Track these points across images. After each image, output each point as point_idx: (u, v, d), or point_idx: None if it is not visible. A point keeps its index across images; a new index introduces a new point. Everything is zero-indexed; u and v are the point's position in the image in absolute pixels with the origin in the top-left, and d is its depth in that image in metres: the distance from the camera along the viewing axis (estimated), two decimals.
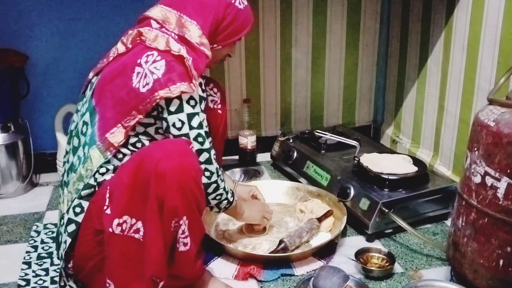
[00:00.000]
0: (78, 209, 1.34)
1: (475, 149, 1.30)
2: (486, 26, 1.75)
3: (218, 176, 1.40)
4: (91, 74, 1.45)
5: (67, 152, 1.47)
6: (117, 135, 1.32)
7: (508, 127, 1.22)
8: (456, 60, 1.94)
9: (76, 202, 1.34)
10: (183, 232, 1.28)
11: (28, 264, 1.61)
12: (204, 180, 1.36)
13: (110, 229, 1.26)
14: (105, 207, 1.28)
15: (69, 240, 1.34)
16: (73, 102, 2.11)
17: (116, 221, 1.25)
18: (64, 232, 1.35)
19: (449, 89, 2.01)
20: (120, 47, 1.39)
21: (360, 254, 1.61)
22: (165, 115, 1.32)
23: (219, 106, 1.75)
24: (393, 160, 1.92)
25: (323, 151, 2.11)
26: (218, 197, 1.43)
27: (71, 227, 1.34)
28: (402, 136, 2.42)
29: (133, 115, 1.31)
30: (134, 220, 1.26)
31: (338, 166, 1.98)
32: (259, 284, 1.52)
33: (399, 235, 1.77)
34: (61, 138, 2.14)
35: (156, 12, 1.41)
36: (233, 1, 1.43)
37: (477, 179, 1.30)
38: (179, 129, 1.33)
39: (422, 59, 2.19)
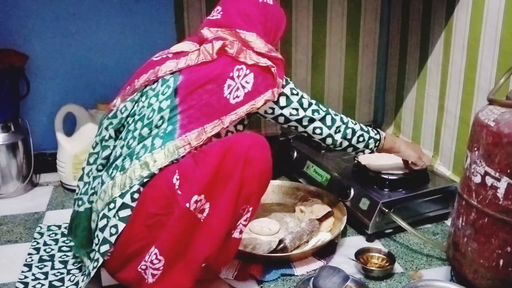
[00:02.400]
0: (136, 195, 1.33)
1: (475, 149, 1.30)
2: (486, 26, 1.75)
3: (345, 123, 1.56)
4: (163, 71, 1.45)
5: (110, 137, 1.49)
6: (196, 137, 1.36)
7: (508, 127, 1.22)
8: (456, 60, 1.94)
9: (135, 188, 1.33)
10: (246, 220, 1.34)
11: (29, 266, 1.61)
12: (339, 135, 1.55)
13: (188, 204, 1.27)
14: (176, 187, 1.29)
15: (122, 226, 1.32)
16: (73, 102, 2.13)
17: (195, 198, 1.27)
18: (115, 217, 1.33)
19: (449, 89, 2.01)
20: (205, 55, 1.43)
21: (360, 254, 1.61)
22: (279, 111, 1.48)
23: None
24: (393, 160, 1.92)
25: (323, 151, 2.11)
26: (361, 139, 1.58)
27: (125, 212, 1.33)
28: (402, 136, 2.41)
29: (216, 124, 1.38)
30: (204, 200, 1.28)
31: (338, 166, 1.98)
32: (259, 284, 1.52)
33: (399, 235, 1.77)
34: (61, 138, 2.13)
35: (210, 34, 1.49)
36: (263, 1, 1.52)
37: (477, 179, 1.30)
38: (297, 114, 1.49)
39: (422, 59, 2.19)
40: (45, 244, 1.73)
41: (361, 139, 1.58)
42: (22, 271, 1.58)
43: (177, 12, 2.23)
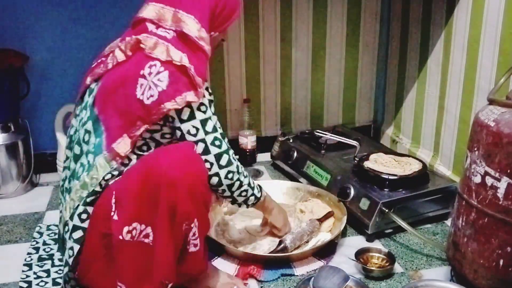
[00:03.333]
0: (84, 216, 1.33)
1: (475, 149, 1.30)
2: (486, 26, 1.75)
3: (239, 173, 1.39)
4: (88, 80, 1.42)
5: (67, 158, 1.45)
6: (123, 145, 1.32)
7: (508, 127, 1.22)
8: (456, 60, 1.94)
9: (81, 209, 1.33)
10: (194, 234, 1.29)
11: (29, 265, 1.61)
12: (227, 181, 1.36)
13: (120, 237, 1.25)
14: (112, 213, 1.27)
15: (77, 247, 1.33)
16: (73, 102, 2.11)
17: (126, 229, 1.25)
18: (70, 239, 1.34)
19: (449, 89, 2.01)
20: (119, 55, 1.36)
21: (360, 254, 1.61)
22: (178, 124, 1.31)
23: None
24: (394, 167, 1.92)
25: (323, 151, 2.11)
26: (243, 194, 1.44)
27: (78, 234, 1.33)
28: (402, 136, 2.42)
29: (138, 125, 1.31)
30: (143, 226, 1.26)
31: (338, 166, 1.98)
32: (259, 284, 1.52)
33: (399, 235, 1.77)
34: (61, 138, 2.14)
35: (149, 12, 1.38)
36: None
37: (477, 179, 1.30)
38: (195, 135, 1.32)
39: (422, 59, 2.19)
40: (44, 243, 1.74)
41: (243, 194, 1.44)
42: (23, 271, 1.58)
43: None
